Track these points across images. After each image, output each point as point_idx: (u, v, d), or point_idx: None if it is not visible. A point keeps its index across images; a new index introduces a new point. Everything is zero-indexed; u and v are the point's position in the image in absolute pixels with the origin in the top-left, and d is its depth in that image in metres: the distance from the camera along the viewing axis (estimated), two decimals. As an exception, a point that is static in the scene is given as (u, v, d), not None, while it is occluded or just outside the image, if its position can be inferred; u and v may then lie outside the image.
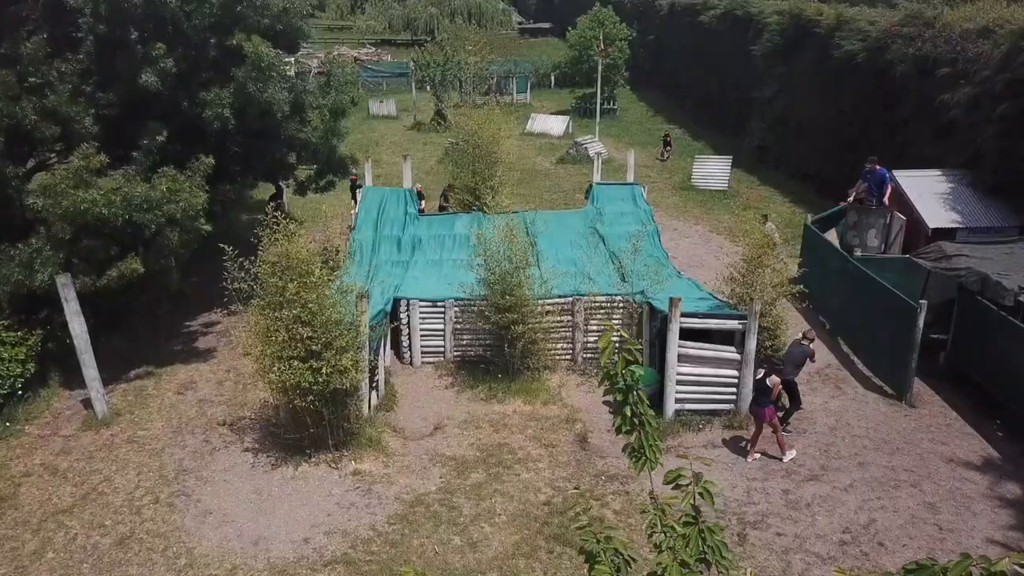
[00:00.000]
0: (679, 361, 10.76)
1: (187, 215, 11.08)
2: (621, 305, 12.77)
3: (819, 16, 22.27)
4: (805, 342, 10.63)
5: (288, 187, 15.94)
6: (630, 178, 19.00)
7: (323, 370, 9.29)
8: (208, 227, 11.65)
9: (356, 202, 20.07)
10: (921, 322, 10.96)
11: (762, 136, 26.60)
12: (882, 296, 11.86)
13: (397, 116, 36.01)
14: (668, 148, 27.95)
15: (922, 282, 12.63)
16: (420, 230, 16.10)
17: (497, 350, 12.30)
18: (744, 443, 10.51)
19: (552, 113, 35.80)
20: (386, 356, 12.94)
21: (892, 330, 11.68)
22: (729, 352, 10.79)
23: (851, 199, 14.19)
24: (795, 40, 24.02)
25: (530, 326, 11.81)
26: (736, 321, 10.66)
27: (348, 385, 9.51)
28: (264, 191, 20.04)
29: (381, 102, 36.76)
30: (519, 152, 28.25)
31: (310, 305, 9.20)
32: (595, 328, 12.92)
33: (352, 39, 69.27)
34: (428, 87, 35.11)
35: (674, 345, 10.65)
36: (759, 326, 10.58)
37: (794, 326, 12.76)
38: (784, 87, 24.96)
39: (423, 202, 18.85)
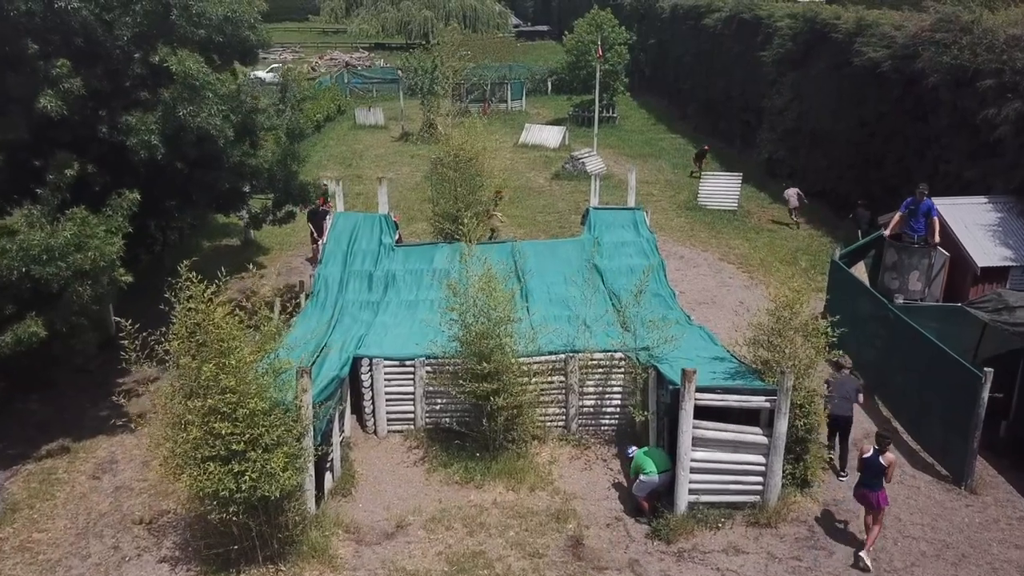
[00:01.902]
0: (694, 445, 8.83)
1: (97, 266, 9.16)
2: (622, 363, 10.84)
3: (837, 20, 20.36)
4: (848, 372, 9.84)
5: (241, 220, 13.95)
6: (631, 201, 17.10)
7: (247, 474, 7.37)
8: (128, 278, 9.73)
9: (316, 233, 18.06)
10: (986, 394, 9.05)
11: (773, 148, 24.69)
12: (934, 357, 9.93)
13: (385, 126, 34.12)
14: (701, 163, 24.60)
15: (975, 333, 10.74)
16: (395, 264, 14.17)
17: (476, 418, 10.38)
18: (769, 538, 8.60)
19: (548, 122, 33.92)
20: (345, 425, 11.02)
21: (947, 399, 9.77)
22: (754, 434, 8.86)
23: (887, 233, 12.24)
24: (810, 45, 22.11)
25: (514, 396, 9.87)
26: (763, 397, 8.73)
27: (278, 492, 7.58)
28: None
29: (369, 110, 34.88)
30: (511, 166, 26.39)
31: (229, 395, 7.27)
32: (592, 390, 10.99)
33: (345, 43, 67.51)
34: (419, 95, 33.22)
35: (687, 427, 8.71)
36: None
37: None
38: (797, 96, 23.05)
39: (398, 232, 16.96)
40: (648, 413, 9.93)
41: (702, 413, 8.87)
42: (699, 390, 8.65)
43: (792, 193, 20.27)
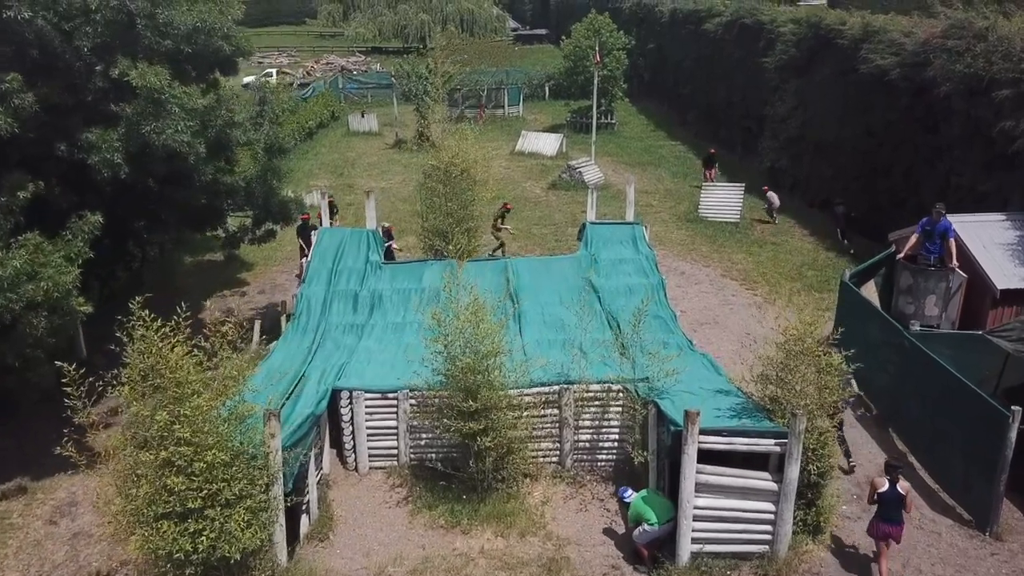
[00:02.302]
0: (697, 491, 8.12)
1: (51, 297, 8.46)
2: (620, 395, 10.13)
3: (842, 25, 19.70)
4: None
5: (219, 240, 13.23)
6: (630, 215, 16.40)
7: (204, 534, 6.67)
8: (87, 308, 9.03)
9: (304, 247, 17.42)
10: (1013, 434, 8.35)
11: (775, 157, 24.02)
12: (956, 391, 9.23)
13: (379, 132, 33.46)
14: (712, 170, 23.58)
15: (996, 362, 10.04)
16: (382, 283, 13.47)
17: (463, 456, 9.67)
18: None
19: (545, 129, 33.26)
20: (324, 462, 10.32)
21: (969, 436, 9.07)
22: (763, 480, 8.15)
23: (901, 255, 11.53)
24: (813, 51, 21.45)
25: (503, 435, 9.16)
26: (772, 441, 8.02)
27: (239, 554, 6.86)
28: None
29: (362, 116, 34.21)
30: (506, 175, 25.74)
31: (184, 447, 6.56)
32: (588, 424, 10.28)
33: (342, 47, 66.91)
34: (413, 101, 32.55)
35: (691, 472, 8.01)
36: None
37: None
38: (800, 103, 22.38)
39: (393, 242, 16.28)
40: (647, 453, 9.22)
41: (706, 455, 8.17)
42: (703, 432, 7.95)
43: (775, 196, 20.94)
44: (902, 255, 11.44)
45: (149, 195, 10.69)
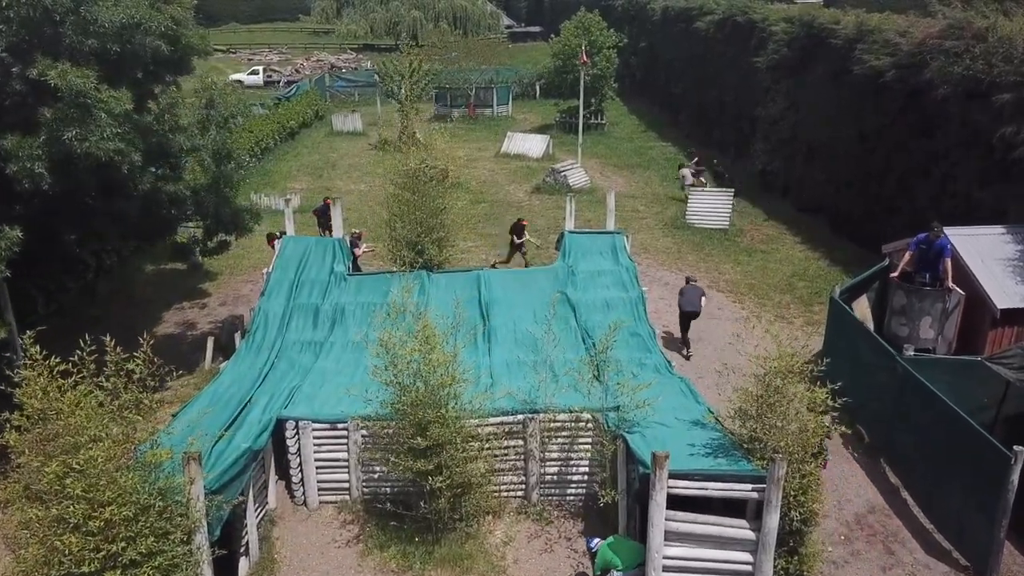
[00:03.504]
0: (667, 540, 7.35)
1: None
2: (589, 426, 9.36)
3: (836, 24, 18.92)
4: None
5: (167, 250, 12.41)
6: (610, 223, 15.63)
7: (102, 602, 5.88)
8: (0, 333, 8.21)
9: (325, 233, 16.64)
10: (1015, 477, 7.59)
11: (766, 159, 23.26)
12: (953, 424, 8.47)
13: (364, 132, 32.60)
14: (701, 171, 23.15)
15: (996, 389, 9.28)
16: (346, 296, 12.68)
17: (417, 492, 8.88)
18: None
19: (534, 129, 32.46)
20: (270, 496, 9.53)
21: (967, 476, 8.31)
22: (739, 528, 7.38)
23: (895, 274, 10.76)
24: (806, 51, 20.67)
25: (458, 475, 8.37)
26: (749, 485, 7.25)
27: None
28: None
29: (346, 116, 33.34)
30: (490, 178, 24.93)
31: (78, 503, 5.76)
32: (556, 456, 9.50)
33: (334, 44, 65.96)
34: (396, 100, 31.69)
35: (659, 519, 7.24)
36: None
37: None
38: (792, 104, 21.62)
39: (361, 248, 15.47)
40: (615, 493, 8.45)
41: (681, 497, 7.40)
42: (673, 476, 7.18)
43: (687, 172, 22.26)
44: (896, 274, 10.67)
45: (81, 206, 9.86)
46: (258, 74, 47.27)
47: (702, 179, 22.86)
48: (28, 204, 9.31)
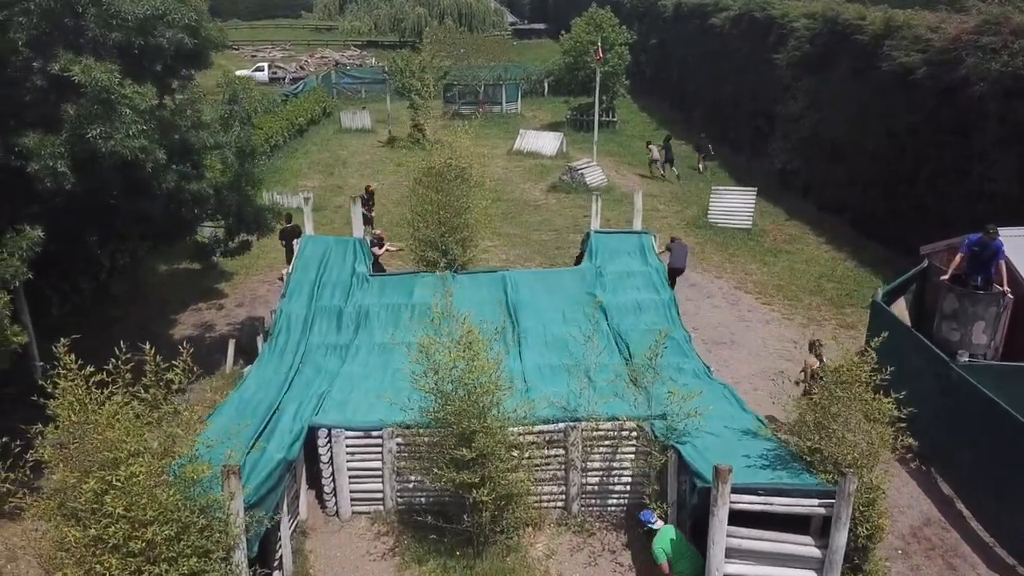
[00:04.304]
0: (727, 557, 7.01)
1: (-24, 329, 7.30)
2: (633, 433, 9.01)
3: (861, 20, 18.57)
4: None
5: (190, 246, 12.02)
6: (637, 223, 15.28)
7: (142, 628, 5.53)
8: (22, 339, 7.86)
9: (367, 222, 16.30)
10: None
11: (786, 158, 22.91)
12: (1017, 435, 8.13)
13: (373, 129, 32.22)
14: (705, 155, 25.21)
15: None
16: (369, 297, 12.32)
17: (458, 503, 8.53)
18: None
19: (544, 127, 32.09)
20: (301, 507, 9.18)
21: (1033, 489, 7.98)
22: (804, 545, 7.04)
23: (945, 277, 10.41)
24: (829, 48, 20.33)
25: (503, 487, 8.01)
26: (816, 501, 6.90)
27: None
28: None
29: (355, 113, 32.95)
30: (504, 176, 24.55)
31: (119, 523, 5.40)
32: (597, 466, 9.16)
33: (337, 41, 65.52)
34: (407, 97, 31.30)
35: (721, 536, 6.89)
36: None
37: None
38: (814, 102, 21.27)
39: (384, 247, 15.10)
40: (667, 506, 8.10)
41: (737, 511, 7.06)
42: (736, 491, 6.84)
43: (654, 148, 24.50)
44: (947, 276, 10.32)
45: (104, 206, 9.49)
46: (263, 71, 46.85)
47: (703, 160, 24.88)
48: (48, 203, 8.93)
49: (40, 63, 8.16)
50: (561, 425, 8.94)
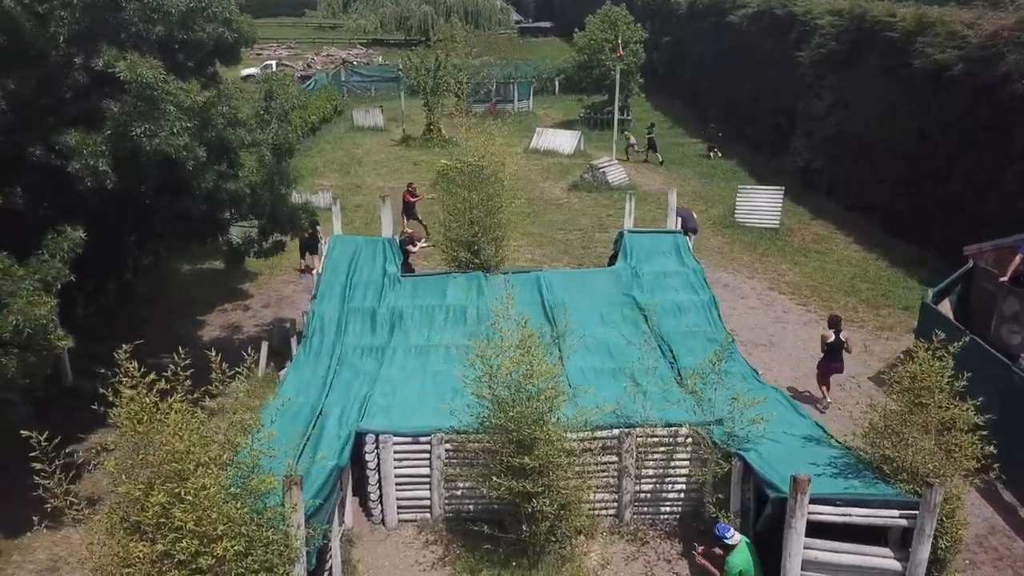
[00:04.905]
0: (803, 570, 6.77)
1: (21, 332, 7.04)
2: (688, 440, 8.76)
3: (891, 17, 18.30)
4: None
5: (222, 251, 11.76)
6: (671, 222, 15.03)
7: (212, 647, 5.28)
8: (66, 342, 7.61)
9: (306, 260, 16.17)
10: None
11: (809, 157, 22.65)
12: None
13: (385, 128, 31.97)
14: (715, 144, 26.69)
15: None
16: (402, 299, 12.07)
17: (508, 510, 8.28)
18: None
19: (557, 125, 31.81)
20: (346, 514, 8.93)
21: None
22: (885, 558, 6.80)
23: (1005, 278, 10.16)
24: (856, 45, 20.06)
25: (563, 496, 7.77)
26: (897, 512, 6.66)
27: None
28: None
29: (367, 111, 32.69)
30: (522, 174, 24.24)
31: (187, 539, 5.15)
32: (651, 473, 8.91)
33: (342, 39, 65.20)
34: (421, 95, 31.03)
35: (798, 548, 6.65)
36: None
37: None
38: (840, 100, 21.01)
39: (418, 246, 14.83)
40: (731, 515, 7.86)
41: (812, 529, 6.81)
42: (814, 501, 6.59)
43: (630, 135, 26.68)
44: (1007, 277, 10.07)
45: (142, 205, 9.24)
46: (270, 68, 46.52)
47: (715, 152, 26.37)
48: (87, 203, 8.68)
49: (82, 59, 7.89)
50: (615, 431, 8.69)
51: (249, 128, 10.01)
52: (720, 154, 26.51)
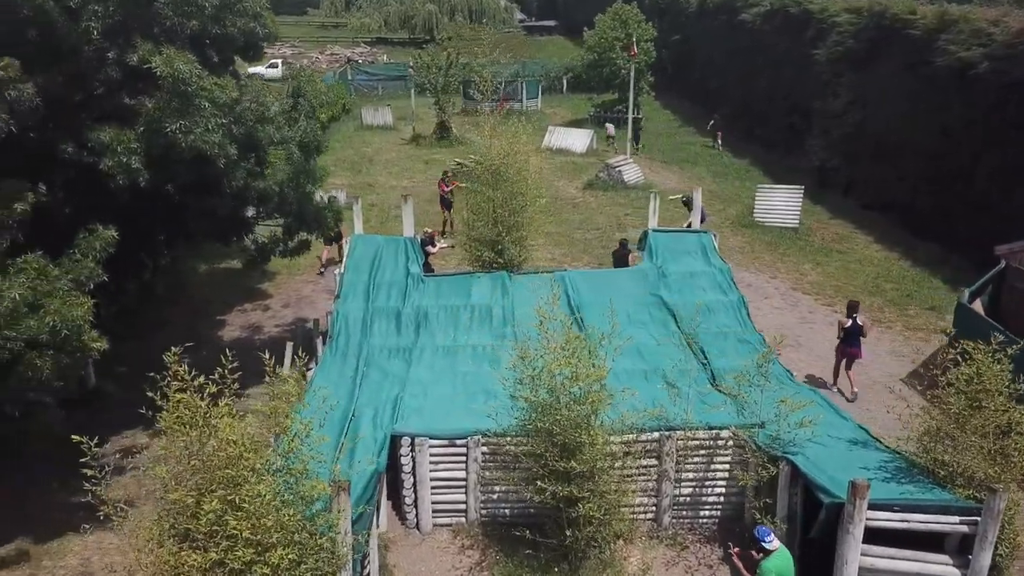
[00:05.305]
0: (859, 577, 6.62)
1: (58, 334, 6.88)
2: (729, 443, 8.61)
3: (912, 15, 18.15)
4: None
5: (247, 250, 11.58)
6: (696, 221, 14.90)
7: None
8: (101, 344, 7.44)
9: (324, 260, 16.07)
10: None
11: (825, 155, 22.51)
12: None
13: (394, 126, 31.81)
14: (719, 135, 27.54)
15: None
16: (426, 298, 11.90)
17: (549, 516, 8.11)
18: None
19: (565, 123, 31.65)
20: (381, 518, 8.77)
21: None
22: (944, 566, 6.64)
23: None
24: (875, 43, 19.91)
25: (608, 501, 7.62)
26: (957, 518, 6.50)
27: None
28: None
29: (376, 110, 32.52)
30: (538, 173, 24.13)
31: (243, 549, 4.98)
32: (690, 476, 8.76)
33: (345, 38, 65.00)
34: (428, 93, 30.86)
35: (854, 555, 6.49)
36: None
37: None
38: (858, 98, 20.86)
39: (437, 245, 14.65)
40: (778, 520, 7.70)
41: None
42: (872, 507, 6.43)
43: (610, 126, 28.34)
44: (1050, 277, 9.93)
45: (170, 204, 9.07)
46: (277, 67, 46.31)
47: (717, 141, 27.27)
48: (116, 201, 8.51)
49: (115, 54, 7.72)
50: (656, 434, 8.54)
51: (278, 125, 9.83)
52: (721, 143, 27.32)
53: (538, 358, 7.64)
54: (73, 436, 5.30)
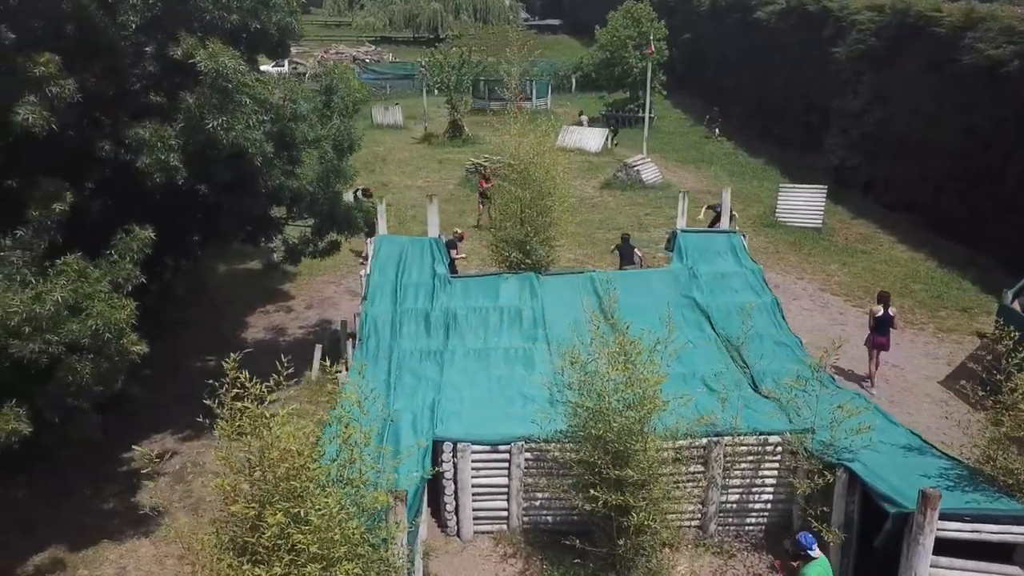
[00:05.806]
0: (927, 589, 6.42)
1: (100, 337, 6.68)
2: (777, 449, 8.41)
3: (938, 13, 17.95)
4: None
5: (275, 251, 11.39)
6: (726, 221, 14.70)
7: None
8: (141, 347, 7.25)
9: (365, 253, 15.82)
10: None
11: (844, 154, 22.31)
12: None
13: (404, 125, 31.60)
14: (715, 126, 29.15)
15: None
16: (454, 300, 11.70)
17: (597, 524, 7.90)
18: None
19: (574, 123, 31.42)
20: (421, 526, 8.56)
21: None
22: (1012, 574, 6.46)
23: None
24: (898, 41, 19.70)
25: (660, 509, 7.42)
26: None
27: None
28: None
29: (386, 109, 32.32)
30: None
31: (311, 565, 4.77)
32: (737, 483, 8.56)
33: (350, 37, 64.77)
34: (439, 92, 30.67)
35: (924, 567, 6.30)
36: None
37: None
38: (879, 97, 20.65)
39: (457, 249, 14.44)
40: (835, 529, 7.50)
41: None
42: (942, 517, 6.24)
43: (585, 118, 29.51)
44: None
45: (205, 203, 8.87)
46: (283, 66, 46.03)
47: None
48: (152, 201, 8.32)
49: (153, 48, 7.52)
50: (703, 440, 8.35)
51: (311, 124, 9.63)
52: (718, 131, 28.82)
53: (590, 362, 7.45)
54: (135, 447, 5.05)
